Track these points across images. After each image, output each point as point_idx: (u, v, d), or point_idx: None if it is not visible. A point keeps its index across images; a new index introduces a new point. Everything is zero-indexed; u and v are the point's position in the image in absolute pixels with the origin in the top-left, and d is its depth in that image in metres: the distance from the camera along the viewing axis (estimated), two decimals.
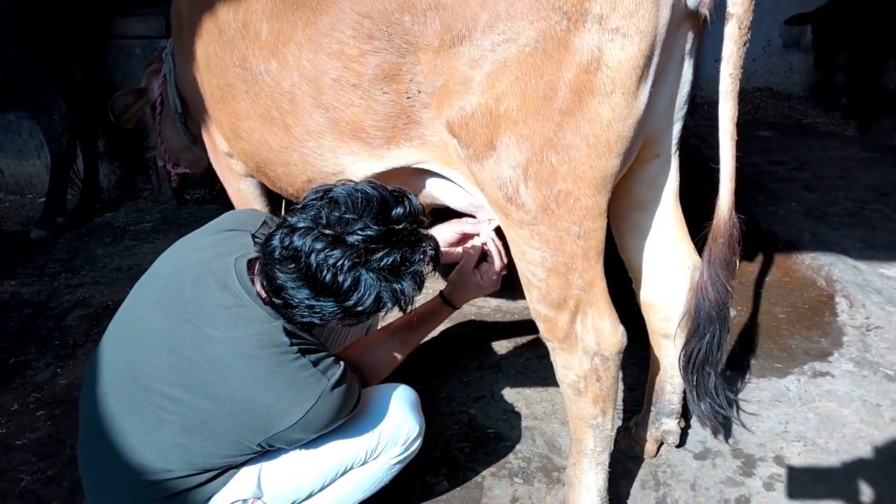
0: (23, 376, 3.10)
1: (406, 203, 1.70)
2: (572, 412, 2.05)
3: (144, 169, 5.01)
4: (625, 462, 2.49)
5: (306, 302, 1.64)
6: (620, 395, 2.83)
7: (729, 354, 3.08)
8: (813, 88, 6.56)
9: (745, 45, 1.69)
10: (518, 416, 2.76)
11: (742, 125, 6.11)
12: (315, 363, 1.70)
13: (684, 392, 2.24)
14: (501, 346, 3.21)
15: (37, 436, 2.73)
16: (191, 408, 1.67)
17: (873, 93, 5.82)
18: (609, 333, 1.89)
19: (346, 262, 1.60)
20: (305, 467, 1.85)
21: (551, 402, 2.81)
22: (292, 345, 1.69)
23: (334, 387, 1.70)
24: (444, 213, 2.33)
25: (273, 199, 2.88)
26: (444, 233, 2.24)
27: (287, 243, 1.62)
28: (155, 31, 4.78)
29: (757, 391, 2.86)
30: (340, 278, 1.60)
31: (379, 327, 2.47)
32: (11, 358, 3.24)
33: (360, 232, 1.61)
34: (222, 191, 3.01)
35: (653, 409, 2.44)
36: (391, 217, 1.66)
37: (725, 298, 2.00)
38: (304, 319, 1.70)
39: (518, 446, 2.61)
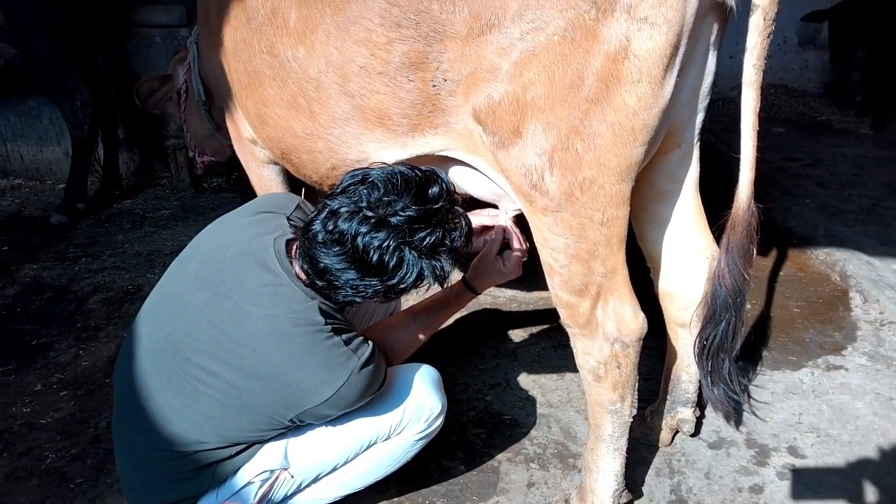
0: (45, 357, 3.16)
1: (441, 182, 1.76)
2: (591, 398, 2.08)
3: (163, 157, 5.04)
4: (640, 450, 2.52)
5: (352, 282, 1.70)
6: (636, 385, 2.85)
7: (744, 347, 3.09)
8: (828, 86, 6.53)
9: (769, 36, 1.71)
10: (533, 403, 2.79)
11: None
12: (347, 342, 1.75)
13: (699, 380, 2.27)
14: (517, 335, 3.24)
15: (60, 415, 2.78)
16: (227, 382, 1.72)
17: (888, 91, 5.79)
18: (630, 320, 1.91)
19: (391, 242, 1.66)
20: (331, 441, 1.90)
21: (566, 391, 2.84)
22: (326, 324, 1.74)
23: (364, 365, 1.75)
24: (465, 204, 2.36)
25: (294, 185, 2.92)
26: None
27: (331, 227, 1.67)
28: (176, 20, 4.82)
29: (771, 383, 2.88)
30: (387, 258, 1.66)
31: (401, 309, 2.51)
32: (34, 340, 3.30)
33: (401, 213, 1.66)
34: (239, 179, 3.05)
35: (669, 397, 2.47)
36: (429, 197, 1.72)
37: (742, 286, 2.02)
38: (347, 299, 1.76)
39: (534, 433, 2.64)
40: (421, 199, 1.70)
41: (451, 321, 3.28)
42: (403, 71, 1.87)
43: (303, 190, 2.91)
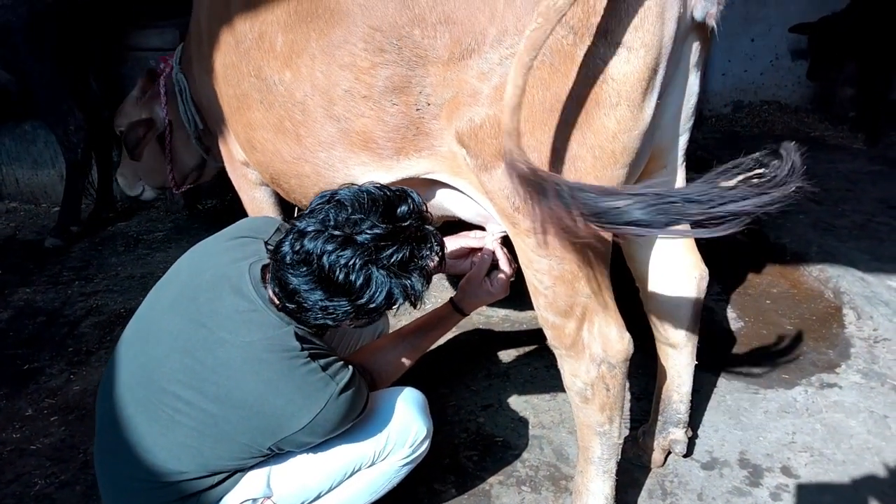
0: (37, 382, 3.15)
1: (409, 201, 1.73)
2: (579, 420, 2.07)
3: None
4: (632, 471, 2.50)
5: (320, 303, 1.68)
6: (627, 405, 2.84)
7: (737, 365, 3.09)
8: (821, 101, 6.55)
9: None
10: (526, 424, 2.78)
11: (750, 138, 6.16)
12: (324, 367, 1.73)
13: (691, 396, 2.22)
14: (509, 355, 3.23)
15: (50, 441, 2.77)
16: (202, 410, 1.70)
17: (881, 106, 5.81)
18: (616, 341, 1.91)
19: (357, 260, 1.63)
20: (314, 468, 1.88)
21: (559, 411, 2.83)
22: (303, 349, 1.72)
23: (343, 391, 1.73)
24: (453, 225, 2.36)
25: (286, 207, 2.93)
26: (450, 246, 2.26)
27: (298, 247, 1.66)
28: (170, 44, 4.83)
29: (764, 402, 2.86)
30: (353, 277, 1.64)
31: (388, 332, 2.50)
32: (26, 364, 3.29)
33: (368, 231, 1.64)
34: (233, 200, 3.06)
35: (660, 418, 2.46)
36: (397, 215, 1.70)
37: None
38: (318, 322, 1.73)
39: (526, 455, 2.62)
40: (389, 218, 1.68)
41: (442, 341, 3.27)
42: (387, 95, 1.88)
43: (295, 210, 2.91)
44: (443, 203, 2.12)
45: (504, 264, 2.21)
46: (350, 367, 1.81)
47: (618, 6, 1.53)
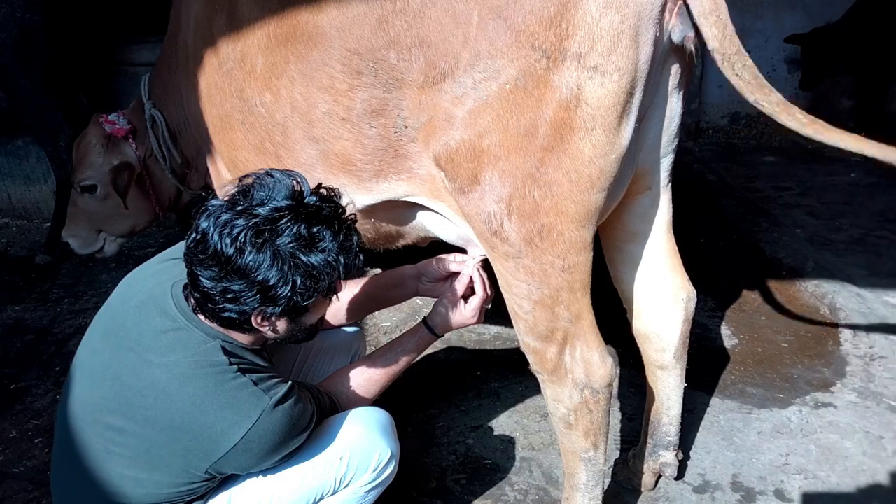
0: (23, 402, 3.11)
1: (320, 186, 1.70)
2: (564, 446, 2.04)
3: None
4: (622, 495, 2.46)
5: (219, 286, 1.60)
6: (618, 426, 2.80)
7: (730, 384, 3.05)
8: (818, 113, 6.51)
9: (745, 66, 1.69)
10: (515, 446, 2.74)
11: (747, 150, 6.13)
12: (256, 382, 1.66)
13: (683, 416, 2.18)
14: (500, 375, 3.19)
15: (33, 463, 2.73)
16: (134, 436, 1.65)
17: (879, 117, 5.78)
18: (598, 365, 1.88)
19: (250, 232, 1.56)
20: (274, 497, 1.81)
21: (549, 433, 2.79)
22: (231, 364, 1.66)
23: (277, 404, 1.66)
24: (437, 248, 2.33)
25: None
26: (430, 269, 2.23)
27: (196, 227, 1.61)
28: None
29: (758, 422, 2.82)
30: (246, 250, 1.56)
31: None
32: (12, 384, 3.25)
33: (267, 203, 1.59)
34: None
35: (650, 440, 2.42)
36: (303, 193, 1.64)
37: None
38: (229, 314, 1.65)
39: (515, 478, 2.58)
40: (291, 197, 1.62)
41: (432, 360, 3.24)
42: (365, 117, 1.86)
43: None
44: (424, 225, 2.10)
45: (479, 288, 2.14)
46: (289, 383, 1.74)
47: (591, 30, 1.51)
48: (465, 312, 2.14)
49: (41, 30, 4.19)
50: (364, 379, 2.09)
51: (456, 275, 2.18)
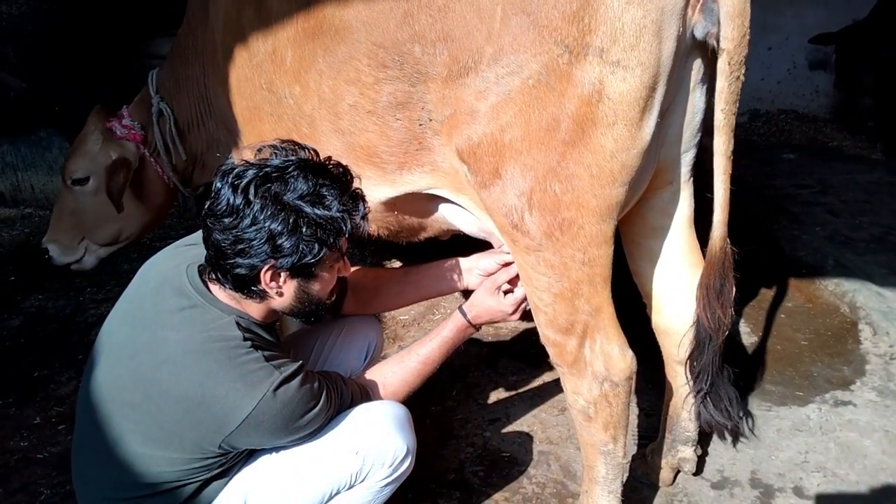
0: (45, 390, 3.17)
1: (330, 159, 1.78)
2: (583, 439, 2.04)
3: None
4: (641, 490, 2.47)
5: (230, 237, 1.65)
6: (636, 421, 2.81)
7: (750, 381, 3.04)
8: (839, 111, 6.46)
9: (738, 79, 1.68)
10: (533, 439, 2.75)
11: (767, 147, 6.05)
12: (268, 359, 1.71)
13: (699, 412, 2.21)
14: (518, 368, 3.20)
15: (57, 450, 2.78)
16: (148, 412, 1.69)
17: None
18: (618, 359, 1.88)
19: (258, 181, 1.64)
20: (289, 492, 1.82)
21: (567, 427, 2.80)
22: (245, 339, 1.71)
23: (287, 380, 1.69)
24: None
25: None
26: (483, 263, 2.23)
27: (213, 186, 1.69)
28: None
29: (777, 419, 2.81)
30: (253, 199, 1.64)
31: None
32: (36, 371, 3.31)
33: (280, 158, 1.68)
34: None
35: (668, 436, 2.42)
36: (319, 157, 1.74)
37: (719, 326, 1.99)
38: (240, 270, 1.69)
39: (532, 471, 2.59)
40: (302, 158, 1.73)
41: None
42: (391, 110, 1.89)
43: None
44: (446, 218, 2.12)
45: (521, 285, 2.11)
46: (299, 362, 1.78)
47: (613, 24, 1.52)
48: (504, 302, 2.14)
49: (66, 21, 4.24)
50: (400, 368, 2.10)
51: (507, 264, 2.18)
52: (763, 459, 2.60)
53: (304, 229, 1.66)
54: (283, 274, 1.73)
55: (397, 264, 4.14)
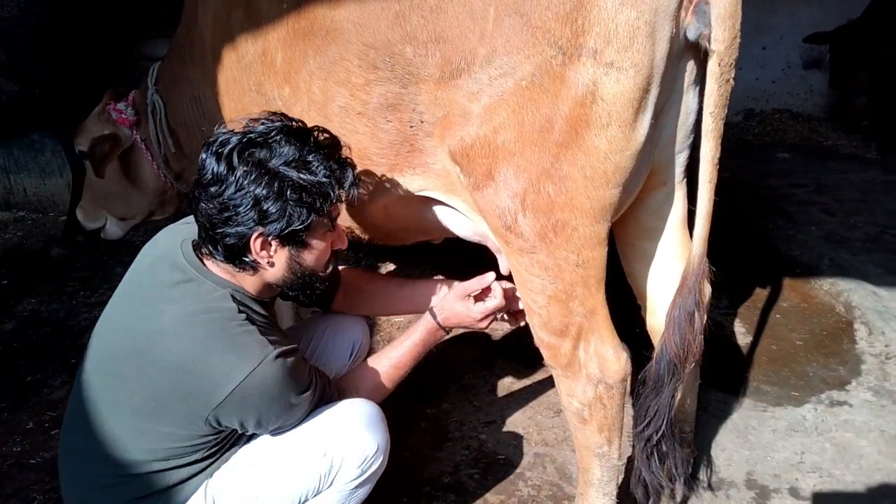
0: (39, 395, 3.15)
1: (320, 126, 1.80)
2: (578, 441, 2.04)
3: None
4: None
5: (216, 205, 1.66)
6: (631, 423, 2.79)
7: (745, 381, 3.04)
8: (834, 110, 6.46)
9: (727, 82, 1.66)
10: (529, 441, 2.74)
11: (761, 147, 6.05)
12: (262, 333, 1.71)
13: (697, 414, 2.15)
14: (514, 370, 3.19)
15: (50, 455, 2.76)
16: (140, 383, 1.69)
17: (895, 115, 5.72)
18: (612, 361, 1.88)
19: (241, 147, 1.66)
20: (258, 498, 1.79)
21: (562, 429, 2.79)
22: (240, 311, 1.72)
23: (278, 356, 1.68)
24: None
25: None
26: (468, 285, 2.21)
27: (199, 160, 1.71)
28: None
29: (773, 420, 2.81)
30: (237, 165, 1.65)
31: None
32: (29, 376, 3.29)
33: (266, 123, 1.70)
34: None
35: None
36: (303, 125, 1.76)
37: (686, 355, 1.88)
38: (229, 239, 1.70)
39: (528, 473, 2.58)
40: (289, 125, 1.75)
41: (447, 354, 3.24)
42: (381, 112, 1.88)
43: None
44: (439, 220, 2.11)
45: (497, 295, 2.13)
46: (294, 344, 1.79)
47: (607, 26, 1.51)
48: (473, 309, 2.13)
49: (60, 23, 4.22)
50: (372, 372, 2.09)
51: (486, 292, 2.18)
52: (759, 460, 2.60)
53: (289, 193, 1.67)
54: (273, 243, 1.73)
55: (391, 267, 4.12)
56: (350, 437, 1.82)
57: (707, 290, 2.00)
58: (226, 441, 1.83)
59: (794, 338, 3.38)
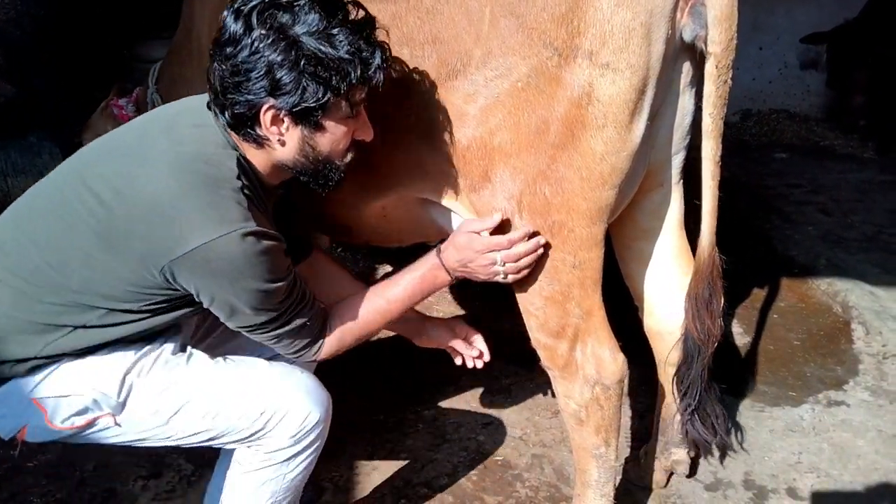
0: None
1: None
2: (575, 442, 2.04)
3: None
4: (634, 493, 2.46)
5: (229, 67, 1.54)
6: (629, 424, 2.80)
7: (743, 382, 3.04)
8: (831, 110, 6.47)
9: (725, 83, 1.67)
10: (526, 443, 2.74)
11: (758, 147, 6.05)
12: (248, 208, 1.59)
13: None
14: (511, 371, 3.19)
15: (48, 458, 2.75)
16: (112, 213, 1.58)
17: (892, 114, 5.73)
18: (609, 362, 1.88)
19: (264, 6, 1.51)
20: (174, 397, 1.75)
21: (560, 430, 2.79)
22: (238, 178, 1.61)
23: (258, 235, 1.57)
24: None
25: None
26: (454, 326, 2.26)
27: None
28: None
29: (770, 420, 2.81)
30: (255, 26, 1.51)
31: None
32: None
33: None
34: None
35: (661, 438, 2.41)
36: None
37: (708, 337, 2.00)
38: (239, 108, 1.57)
39: (526, 474, 2.58)
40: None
41: (444, 355, 3.23)
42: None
43: None
44: (436, 221, 2.10)
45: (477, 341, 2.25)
46: (281, 239, 1.67)
47: (602, 27, 1.52)
48: (478, 240, 1.83)
49: (57, 25, 4.21)
50: (366, 304, 1.91)
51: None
52: (756, 461, 2.60)
53: (304, 65, 1.51)
54: (285, 119, 1.58)
55: (388, 268, 4.12)
56: (293, 400, 1.78)
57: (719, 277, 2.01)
58: (167, 309, 1.71)
59: (792, 338, 3.39)
